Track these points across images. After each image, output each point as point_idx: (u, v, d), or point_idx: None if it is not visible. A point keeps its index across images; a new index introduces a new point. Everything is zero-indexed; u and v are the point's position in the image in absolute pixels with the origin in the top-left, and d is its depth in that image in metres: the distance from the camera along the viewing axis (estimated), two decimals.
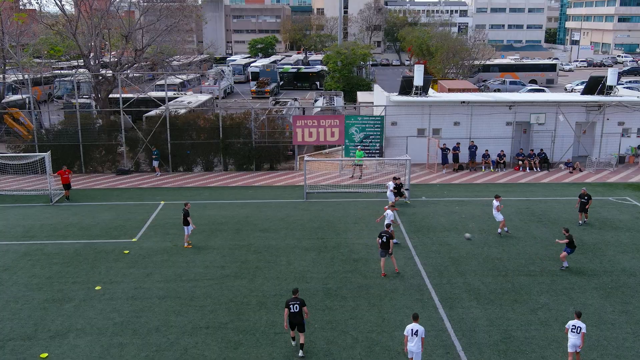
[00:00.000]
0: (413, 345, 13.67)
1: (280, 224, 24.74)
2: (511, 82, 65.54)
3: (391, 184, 25.93)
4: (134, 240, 22.98)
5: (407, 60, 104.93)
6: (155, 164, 32.55)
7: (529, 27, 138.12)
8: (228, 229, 24.08)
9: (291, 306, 14.67)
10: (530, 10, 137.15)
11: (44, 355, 15.07)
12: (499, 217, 23.04)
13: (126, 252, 21.76)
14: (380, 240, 19.49)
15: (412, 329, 13.77)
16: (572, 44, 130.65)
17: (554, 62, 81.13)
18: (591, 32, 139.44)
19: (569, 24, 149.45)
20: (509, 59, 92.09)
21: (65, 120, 35.10)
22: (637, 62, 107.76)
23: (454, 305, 17.62)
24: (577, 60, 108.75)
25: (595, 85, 35.82)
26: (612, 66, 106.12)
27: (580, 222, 23.85)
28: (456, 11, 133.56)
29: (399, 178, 27.01)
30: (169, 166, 33.18)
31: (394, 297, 18.10)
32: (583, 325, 14.09)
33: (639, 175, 32.25)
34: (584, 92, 36.67)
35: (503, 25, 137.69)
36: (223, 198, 28.61)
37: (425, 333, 14.00)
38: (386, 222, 21.31)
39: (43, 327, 16.44)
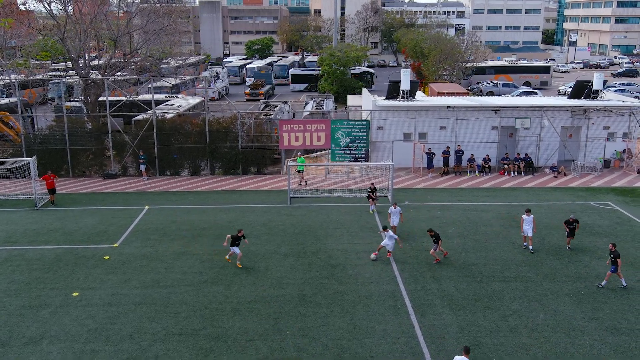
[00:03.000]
0: None
1: (262, 229, 24.90)
2: (504, 85, 65.71)
3: (393, 209, 23.66)
4: (115, 245, 23.14)
5: (403, 62, 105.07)
6: (142, 168, 32.71)
7: (526, 28, 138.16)
8: (209, 235, 24.24)
9: None
10: (527, 12, 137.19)
11: None
12: (529, 232, 22.06)
13: (106, 257, 21.94)
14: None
15: None
16: (569, 45, 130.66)
17: (547, 64, 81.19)
18: (588, 34, 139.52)
19: (566, 25, 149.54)
20: (505, 61, 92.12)
21: (54, 123, 35.22)
22: (633, 63, 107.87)
23: (426, 312, 17.78)
24: (573, 62, 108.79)
25: (581, 90, 36.00)
26: (608, 67, 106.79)
27: (568, 246, 22.23)
28: (453, 12, 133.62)
29: (374, 184, 27.37)
30: (156, 170, 33.34)
31: (367, 304, 18.26)
32: None
33: (623, 179, 32.40)
34: (570, 96, 36.88)
35: (500, 27, 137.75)
36: (207, 203, 28.76)
37: None
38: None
39: (18, 334, 16.61)
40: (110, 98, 34.35)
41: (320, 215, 26.64)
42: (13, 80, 36.02)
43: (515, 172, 33.09)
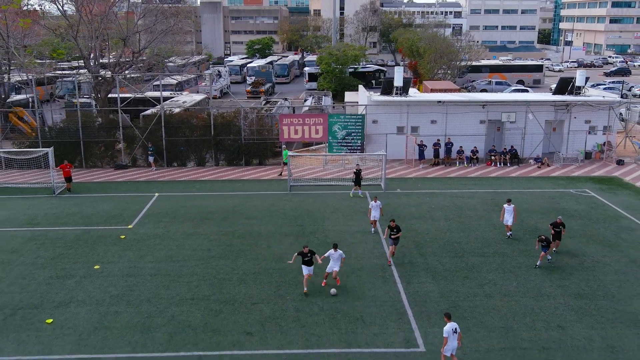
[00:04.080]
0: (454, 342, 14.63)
1: (264, 212, 27.03)
2: (497, 83, 67.78)
3: (374, 204, 24.41)
4: (129, 227, 25.27)
5: (401, 61, 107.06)
6: (151, 159, 34.83)
7: (522, 28, 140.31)
8: (216, 217, 26.37)
9: None
10: (523, 12, 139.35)
11: (50, 320, 17.36)
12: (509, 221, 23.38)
13: (122, 237, 24.07)
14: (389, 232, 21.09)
15: (452, 329, 14.50)
16: (565, 44, 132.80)
17: (540, 63, 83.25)
18: (584, 33, 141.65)
19: (562, 25, 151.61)
20: (500, 60, 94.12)
21: (67, 118, 37.32)
22: (626, 62, 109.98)
23: (411, 281, 19.91)
24: (568, 61, 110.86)
25: (565, 86, 38.08)
26: (602, 66, 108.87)
27: (555, 250, 21.91)
28: (450, 12, 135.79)
29: (359, 165, 29.63)
30: (164, 161, 35.45)
31: (359, 275, 20.37)
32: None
33: (602, 170, 34.53)
34: (554, 92, 38.96)
35: (497, 27, 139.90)
36: (213, 190, 30.91)
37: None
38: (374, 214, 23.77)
39: (48, 299, 18.73)
40: (119, 95, 36.45)
41: (318, 201, 28.76)
42: (31, 77, 38.06)
43: (502, 163, 35.21)
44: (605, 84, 66.90)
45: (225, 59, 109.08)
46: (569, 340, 16.24)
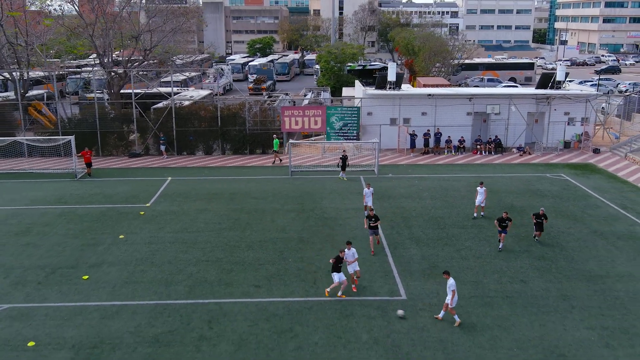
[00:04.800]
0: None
1: (268, 193, 29.92)
2: (489, 80, 70.68)
3: (367, 190, 25.76)
4: (147, 205, 28.16)
5: (399, 60, 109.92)
6: (163, 148, 37.69)
7: (517, 27, 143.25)
8: (225, 197, 29.26)
9: None
10: (518, 12, 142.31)
11: (85, 277, 20.24)
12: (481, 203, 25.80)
13: (142, 213, 26.95)
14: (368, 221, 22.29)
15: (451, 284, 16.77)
16: (561, 44, 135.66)
17: (532, 61, 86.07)
18: (578, 33, 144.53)
19: (558, 25, 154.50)
20: (496, 58, 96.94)
21: (83, 111, 40.17)
22: (618, 61, 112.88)
23: (397, 247, 22.80)
24: (561, 60, 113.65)
25: (547, 80, 40.98)
26: (594, 65, 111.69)
27: (537, 239, 23.15)
28: (447, 12, 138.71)
29: (345, 151, 32.41)
30: (174, 150, 38.32)
31: (353, 243, 23.12)
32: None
33: (579, 157, 37.42)
34: (537, 86, 41.84)
35: (492, 26, 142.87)
36: (220, 175, 33.80)
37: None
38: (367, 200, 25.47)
39: (82, 261, 21.61)
40: (129, 90, 39.29)
41: (317, 184, 31.65)
42: (52, 74, 40.92)
43: (487, 152, 38.09)
44: (592, 81, 69.78)
45: (227, 58, 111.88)
46: (529, 291, 19.12)
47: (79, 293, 19.11)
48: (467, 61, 79.30)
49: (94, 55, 59.06)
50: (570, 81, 57.44)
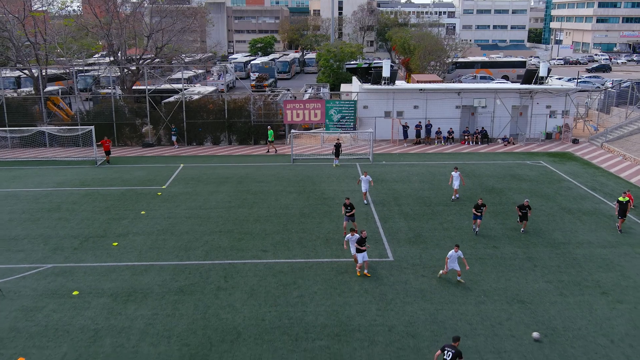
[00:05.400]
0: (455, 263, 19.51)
1: (272, 178, 32.94)
2: (482, 77, 73.60)
3: (364, 177, 27.81)
4: (163, 187, 31.19)
5: (397, 59, 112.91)
6: (174, 138, 40.70)
7: (512, 27, 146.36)
8: (233, 181, 32.28)
9: (446, 352, 13.58)
10: (514, 12, 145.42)
11: (115, 244, 23.27)
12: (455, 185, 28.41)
13: (159, 194, 29.97)
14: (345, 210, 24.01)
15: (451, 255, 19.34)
16: (556, 43, 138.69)
17: (524, 59, 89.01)
18: (573, 32, 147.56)
19: (553, 25, 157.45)
20: (491, 57, 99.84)
21: (99, 105, 43.18)
22: (610, 60, 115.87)
23: (387, 221, 25.82)
24: (555, 59, 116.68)
25: (531, 76, 43.95)
26: (587, 63, 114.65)
27: (522, 230, 24.30)
28: (444, 12, 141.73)
29: (339, 139, 35.39)
30: (185, 140, 41.34)
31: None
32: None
33: (559, 147, 40.44)
34: (522, 82, 44.84)
35: (488, 26, 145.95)
36: (228, 162, 36.82)
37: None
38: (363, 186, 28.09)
39: (110, 232, 24.64)
40: (141, 87, 42.22)
41: (316, 170, 34.67)
42: (72, 70, 43.93)
43: (474, 142, 41.11)
44: (582, 78, 72.82)
45: (230, 57, 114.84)
46: (499, 254, 22.13)
47: (110, 256, 22.14)
48: (461, 59, 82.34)
49: (98, 55, 62.23)
50: (559, 78, 60.64)
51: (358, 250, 20.26)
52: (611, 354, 15.59)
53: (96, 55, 72.67)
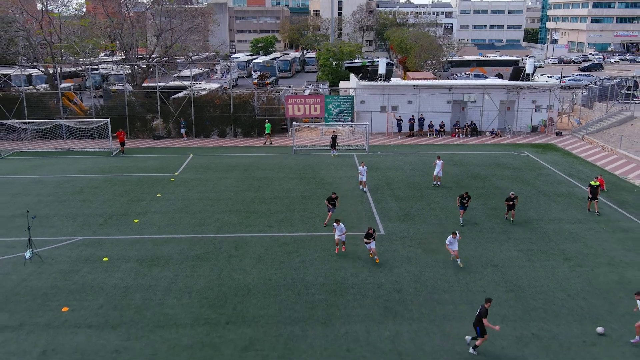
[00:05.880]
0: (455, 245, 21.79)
1: (275, 166, 35.71)
2: (475, 75, 76.28)
3: (361, 168, 30.35)
4: (176, 174, 33.97)
5: (395, 58, 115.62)
6: (183, 131, 43.47)
7: (509, 27, 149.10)
8: (239, 169, 35.05)
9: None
10: (510, 12, 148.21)
11: (136, 220, 26.05)
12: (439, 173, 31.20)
13: (172, 179, 32.75)
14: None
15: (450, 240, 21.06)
16: (552, 43, 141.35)
17: (517, 58, 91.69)
18: (568, 32, 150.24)
19: (549, 25, 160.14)
20: (486, 56, 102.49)
21: (112, 99, 45.97)
22: (604, 59, 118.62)
23: (380, 202, 28.59)
24: (549, 58, 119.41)
25: (518, 73, 46.71)
26: (580, 62, 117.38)
27: (511, 219, 25.65)
28: (442, 12, 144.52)
29: (335, 131, 38.14)
30: (193, 133, 44.11)
31: (344, 200, 28.89)
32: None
33: (543, 139, 43.21)
34: (510, 78, 47.59)
35: (485, 26, 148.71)
36: (234, 153, 39.59)
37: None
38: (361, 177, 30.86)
39: (131, 211, 27.41)
40: (151, 84, 44.96)
41: (316, 159, 37.45)
42: (87, 68, 46.73)
43: (464, 135, 43.88)
44: (572, 76, 75.64)
45: (232, 56, 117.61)
46: (478, 229, 24.89)
47: (133, 230, 24.93)
48: (457, 58, 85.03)
49: (102, 55, 64.93)
50: (550, 76, 63.29)
51: (367, 242, 21.47)
52: (567, 305, 18.35)
53: (100, 55, 75.53)
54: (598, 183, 27.53)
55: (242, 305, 18.44)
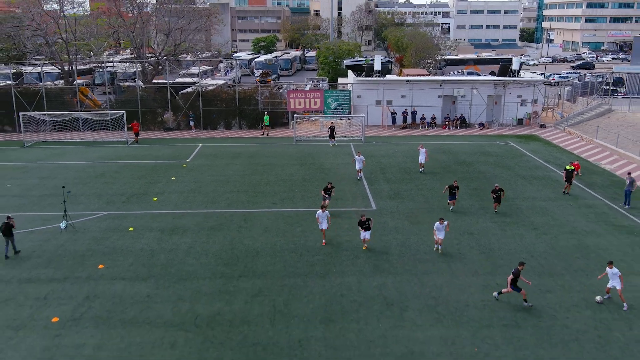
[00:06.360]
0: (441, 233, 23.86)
1: (278, 154, 38.85)
2: (469, 73, 79.19)
3: (357, 157, 32.76)
4: (187, 160, 37.12)
5: (393, 57, 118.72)
6: (191, 123, 46.61)
7: (505, 27, 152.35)
8: (245, 156, 38.20)
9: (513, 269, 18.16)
10: (506, 12, 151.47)
11: (155, 199, 29.19)
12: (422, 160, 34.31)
13: (184, 165, 35.90)
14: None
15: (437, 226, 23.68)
16: (548, 42, 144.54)
17: (510, 57, 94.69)
18: (563, 32, 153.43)
19: (545, 24, 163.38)
20: (482, 55, 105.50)
21: (125, 94, 49.11)
22: (596, 58, 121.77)
23: (373, 184, 31.72)
24: (543, 57, 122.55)
25: (505, 70, 49.84)
26: (574, 61, 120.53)
27: (495, 211, 27.03)
28: (439, 12, 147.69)
29: (333, 123, 41.27)
30: (201, 125, 47.25)
31: (341, 182, 32.05)
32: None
33: (527, 131, 46.35)
34: (498, 74, 50.71)
35: (482, 26, 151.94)
36: (240, 142, 42.74)
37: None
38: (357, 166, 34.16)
39: (149, 191, 30.54)
40: (161, 81, 48.06)
41: (316, 148, 40.59)
42: (101, 64, 49.87)
43: (454, 127, 47.01)
44: (561, 74, 78.80)
45: (235, 55, 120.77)
46: (460, 205, 27.96)
47: (153, 207, 28.07)
48: (452, 57, 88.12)
49: (107, 53, 68.03)
50: (540, 74, 66.34)
51: (362, 229, 22.67)
52: (530, 263, 21.43)
53: (105, 53, 78.65)
54: (573, 167, 30.57)
55: (252, 263, 21.57)
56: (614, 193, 29.92)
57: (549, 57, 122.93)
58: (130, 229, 25.12)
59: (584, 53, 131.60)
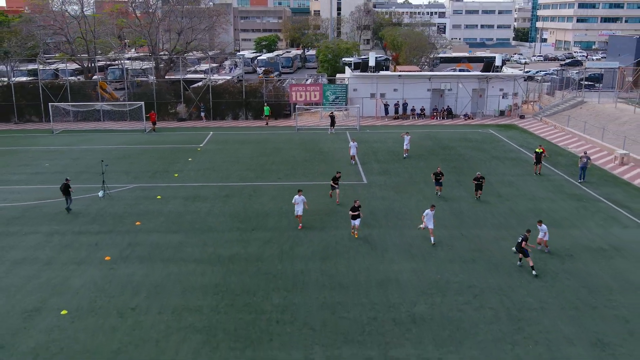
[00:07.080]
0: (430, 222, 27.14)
1: (282, 140, 43.44)
2: (461, 70, 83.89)
3: (352, 144, 38.73)
4: (201, 145, 41.71)
5: (390, 55, 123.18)
6: (202, 114, 51.20)
7: (499, 26, 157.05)
8: (253, 142, 42.80)
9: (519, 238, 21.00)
10: (500, 12, 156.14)
11: (176, 175, 33.75)
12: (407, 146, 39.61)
13: (199, 149, 40.49)
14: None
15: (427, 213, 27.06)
16: (542, 41, 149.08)
17: (494, 55, 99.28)
18: (556, 32, 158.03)
19: (539, 24, 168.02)
20: (476, 54, 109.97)
21: (141, 88, 53.70)
22: (586, 56, 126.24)
23: (365, 164, 36.31)
24: (535, 55, 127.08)
25: (489, 66, 54.41)
26: (564, 60, 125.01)
27: (477, 197, 29.10)
28: (435, 13, 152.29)
29: (332, 111, 45.85)
30: (211, 116, 51.85)
31: (338, 163, 36.58)
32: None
33: (508, 121, 50.93)
34: (482, 70, 55.28)
35: (476, 25, 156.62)
36: (247, 131, 47.34)
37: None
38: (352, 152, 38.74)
39: (170, 169, 35.08)
40: (174, 77, 52.62)
41: (316, 136, 45.18)
42: (122, 62, 54.47)
43: (441, 118, 51.59)
44: (547, 71, 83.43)
45: (238, 53, 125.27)
46: (447, 180, 32.58)
47: (175, 181, 32.67)
48: (446, 55, 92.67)
49: (112, 52, 72.41)
50: (529, 71, 70.86)
51: (353, 217, 24.08)
52: (490, 220, 25.99)
53: (111, 52, 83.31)
54: (541, 150, 35.10)
55: (263, 222, 26.16)
56: (574, 171, 34.43)
57: (541, 56, 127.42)
58: (158, 197, 29.71)
59: (574, 52, 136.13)
